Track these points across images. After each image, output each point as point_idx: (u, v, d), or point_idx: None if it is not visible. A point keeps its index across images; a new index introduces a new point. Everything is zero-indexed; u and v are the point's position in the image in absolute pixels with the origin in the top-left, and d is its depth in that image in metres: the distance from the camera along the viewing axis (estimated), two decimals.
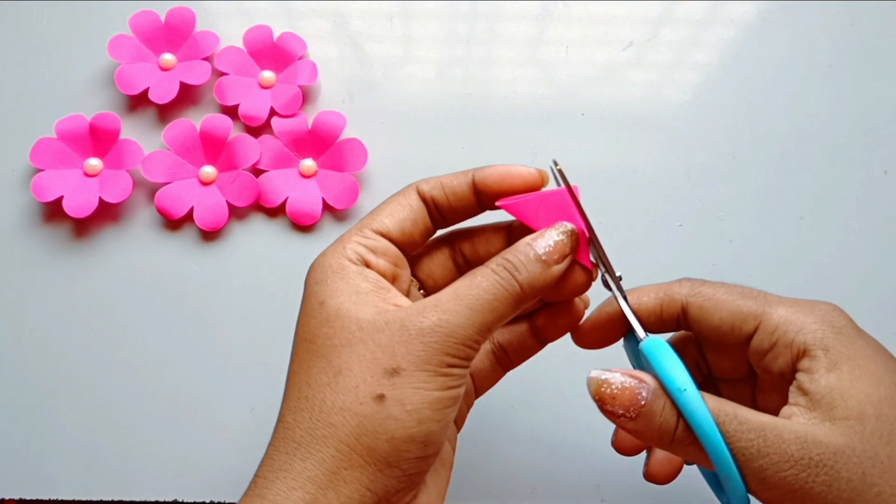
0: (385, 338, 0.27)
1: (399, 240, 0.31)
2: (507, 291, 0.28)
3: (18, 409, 0.45)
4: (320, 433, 0.27)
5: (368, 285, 0.29)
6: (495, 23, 0.52)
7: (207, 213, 0.47)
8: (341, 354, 0.27)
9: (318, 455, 0.27)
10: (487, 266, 0.29)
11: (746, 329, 0.29)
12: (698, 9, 0.52)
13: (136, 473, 0.44)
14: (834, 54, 0.51)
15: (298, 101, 0.48)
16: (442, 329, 0.27)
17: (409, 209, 0.31)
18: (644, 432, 0.27)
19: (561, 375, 0.45)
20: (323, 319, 0.28)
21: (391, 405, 0.27)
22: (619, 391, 0.27)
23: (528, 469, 0.44)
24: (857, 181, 0.48)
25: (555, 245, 0.29)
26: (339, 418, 0.27)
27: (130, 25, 0.50)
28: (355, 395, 0.27)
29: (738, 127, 0.49)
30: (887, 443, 0.26)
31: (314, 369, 0.28)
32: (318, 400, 0.27)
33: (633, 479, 0.44)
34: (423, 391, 0.27)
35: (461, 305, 0.27)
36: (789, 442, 0.26)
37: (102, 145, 0.48)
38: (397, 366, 0.27)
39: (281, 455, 0.27)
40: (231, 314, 0.46)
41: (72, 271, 0.47)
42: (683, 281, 0.32)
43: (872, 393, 0.26)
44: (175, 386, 0.45)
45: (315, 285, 0.29)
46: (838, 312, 0.29)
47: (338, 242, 0.30)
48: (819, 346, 0.28)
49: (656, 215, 0.48)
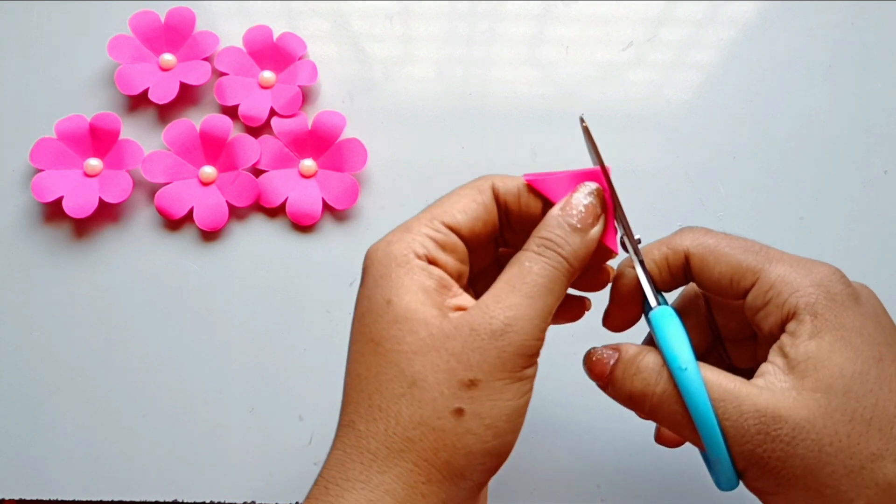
0: (457, 345, 0.26)
1: (467, 238, 0.30)
2: (558, 270, 0.28)
3: (18, 409, 0.45)
4: (398, 447, 0.26)
5: (433, 283, 0.28)
6: (495, 23, 0.52)
7: (207, 214, 0.47)
8: (413, 363, 0.27)
9: (397, 469, 0.26)
10: (529, 249, 0.28)
11: (744, 284, 0.29)
12: (698, 9, 0.52)
13: (136, 473, 0.44)
14: (834, 54, 0.51)
15: (298, 101, 0.48)
16: (511, 328, 0.27)
17: (483, 208, 0.30)
18: (619, 399, 0.29)
19: (561, 375, 0.45)
20: (391, 320, 0.27)
21: (469, 420, 0.26)
22: (597, 360, 0.30)
23: (527, 469, 0.44)
24: (857, 181, 0.48)
25: (586, 209, 0.29)
26: (418, 433, 0.26)
27: (130, 25, 0.50)
28: (433, 408, 0.26)
29: (738, 127, 0.49)
30: (849, 420, 0.26)
31: (385, 377, 0.27)
32: (394, 412, 0.27)
33: (634, 479, 0.44)
34: (501, 402, 0.27)
35: (521, 297, 0.27)
36: (748, 415, 0.26)
37: (102, 145, 0.48)
38: (474, 377, 0.26)
39: (356, 465, 0.27)
40: (231, 314, 0.46)
41: (72, 271, 0.47)
42: (685, 230, 0.31)
43: (847, 367, 0.26)
44: (175, 386, 0.45)
45: (379, 279, 0.28)
46: (837, 276, 0.28)
47: (404, 230, 0.29)
48: (808, 310, 0.27)
49: (656, 215, 0.48)
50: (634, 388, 0.28)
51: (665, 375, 0.28)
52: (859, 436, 0.26)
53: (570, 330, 0.45)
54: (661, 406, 0.28)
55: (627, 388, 0.29)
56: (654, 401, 0.28)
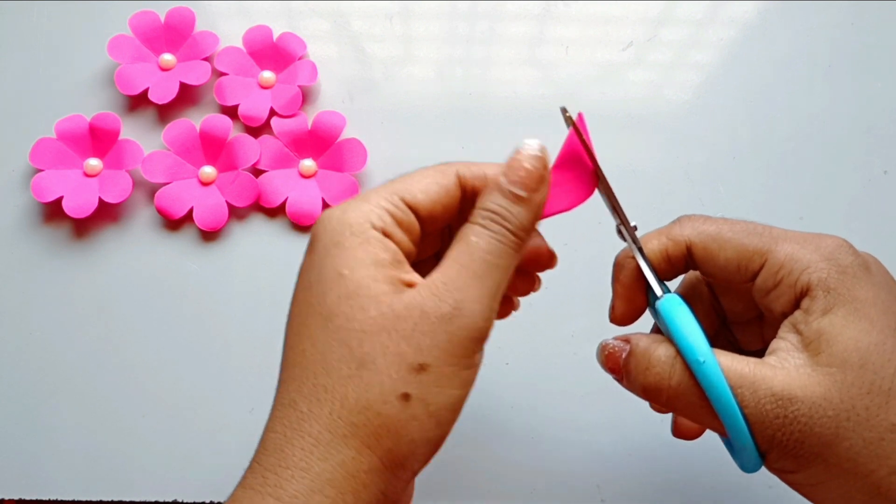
0: (408, 327, 0.26)
1: (424, 219, 0.29)
2: (505, 245, 0.27)
3: (18, 409, 0.45)
4: (341, 432, 0.25)
5: (387, 257, 0.27)
6: (495, 23, 0.52)
7: (207, 214, 0.47)
8: (363, 343, 0.26)
9: (339, 456, 0.25)
10: (475, 222, 0.27)
11: (752, 267, 0.28)
12: (698, 9, 0.52)
13: (136, 473, 0.44)
14: (834, 54, 0.51)
15: (298, 101, 0.48)
16: (460, 311, 0.26)
17: (444, 192, 0.29)
18: (634, 392, 0.29)
19: (560, 375, 0.45)
20: (342, 294, 0.26)
21: (415, 405, 0.26)
22: (609, 354, 0.29)
23: (528, 469, 0.44)
24: (857, 181, 0.48)
25: (528, 174, 0.27)
26: (363, 418, 0.25)
27: (130, 25, 0.50)
28: (380, 392, 0.25)
29: (738, 127, 0.49)
30: (867, 393, 0.25)
31: (333, 355, 0.26)
32: (340, 394, 0.26)
33: (634, 479, 0.44)
34: (447, 390, 0.26)
35: (469, 276, 0.26)
36: (764, 400, 0.26)
37: (102, 145, 0.48)
38: (424, 361, 0.26)
39: (296, 450, 0.26)
40: (231, 314, 0.46)
41: (72, 271, 0.47)
42: (683, 219, 0.30)
43: (862, 339, 0.26)
44: (175, 386, 0.45)
45: (332, 247, 0.27)
46: (846, 248, 0.28)
47: (362, 199, 0.28)
48: (821, 286, 0.27)
49: (656, 215, 0.47)
50: (648, 381, 0.28)
51: (679, 367, 0.27)
52: (878, 407, 0.25)
53: (570, 330, 0.45)
54: (677, 398, 0.27)
55: (641, 381, 0.28)
56: (671, 393, 0.27)
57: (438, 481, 0.43)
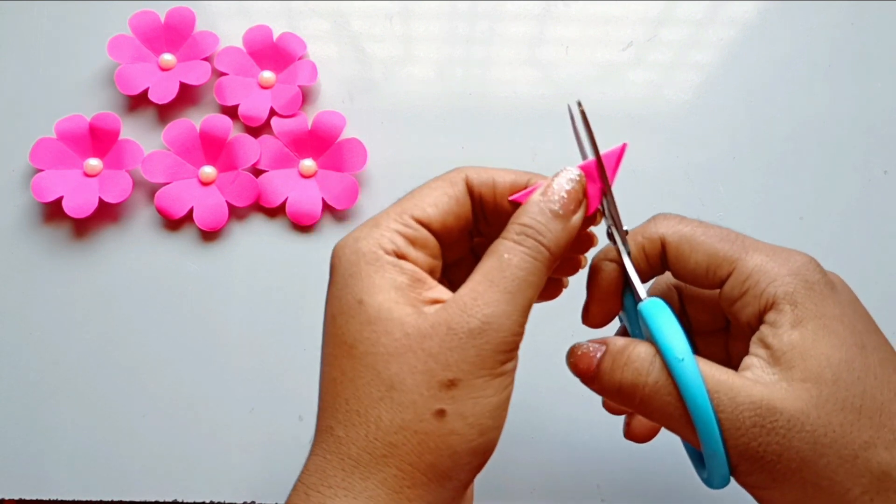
0: (434, 345, 0.26)
1: (439, 232, 0.29)
2: (538, 261, 0.27)
3: (18, 409, 0.45)
4: (380, 452, 0.26)
5: (405, 279, 0.27)
6: (495, 23, 0.52)
7: (207, 214, 0.47)
8: (390, 365, 0.26)
9: (380, 475, 0.26)
10: (508, 238, 0.27)
11: (721, 274, 0.28)
12: (698, 9, 0.52)
13: (136, 473, 0.44)
14: (834, 54, 0.51)
15: (298, 101, 0.48)
16: (490, 326, 0.26)
17: (455, 202, 0.29)
18: (606, 392, 0.28)
19: (560, 375, 0.45)
20: (364, 321, 0.26)
21: (452, 420, 0.26)
22: (583, 354, 0.29)
23: (528, 468, 0.44)
24: (857, 181, 0.48)
25: (568, 195, 0.28)
26: (400, 437, 0.26)
27: (130, 25, 0.50)
28: (413, 411, 0.26)
29: (738, 127, 0.49)
30: (840, 409, 0.25)
31: (361, 380, 0.26)
32: (374, 417, 0.26)
33: (634, 479, 0.44)
34: (483, 399, 0.26)
35: (499, 292, 0.26)
36: (743, 407, 0.25)
37: (102, 145, 0.48)
38: (454, 377, 0.26)
39: (337, 471, 0.26)
40: (231, 314, 0.46)
41: (72, 271, 0.47)
42: (659, 217, 0.30)
43: (833, 355, 0.26)
44: (175, 386, 0.45)
45: (349, 277, 0.27)
46: (813, 266, 0.28)
47: (372, 225, 0.28)
48: (787, 300, 0.27)
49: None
50: (625, 378, 0.27)
51: (657, 365, 0.27)
52: (851, 425, 0.25)
53: (570, 330, 0.45)
54: (652, 397, 0.27)
55: (617, 378, 0.28)
56: (647, 391, 0.27)
57: None
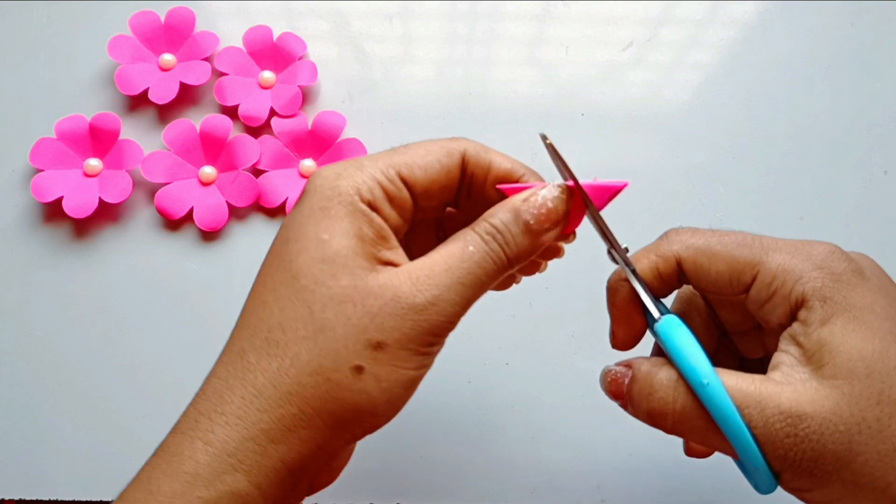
0: (376, 305, 0.26)
1: (419, 197, 0.28)
2: (496, 265, 0.27)
3: (18, 409, 0.45)
4: (286, 389, 0.25)
5: (370, 232, 0.27)
6: (495, 23, 0.51)
7: (207, 214, 0.47)
8: (326, 309, 0.26)
9: (280, 411, 0.25)
10: (477, 231, 0.27)
11: (744, 280, 0.28)
12: (698, 9, 0.52)
13: (136, 473, 0.44)
14: (834, 54, 0.51)
15: (298, 101, 0.48)
16: (433, 307, 0.26)
17: (445, 173, 0.28)
18: (639, 418, 0.28)
19: (560, 376, 0.45)
20: (317, 258, 0.26)
21: (367, 379, 0.26)
22: (612, 380, 0.29)
23: (528, 469, 0.44)
24: (857, 181, 0.48)
25: (548, 213, 0.28)
26: (311, 380, 0.25)
27: (130, 25, 0.50)
28: (334, 360, 0.25)
29: (738, 127, 0.49)
30: (876, 403, 0.25)
31: (292, 313, 0.26)
32: (292, 353, 0.26)
33: (634, 479, 0.44)
34: (401, 370, 0.26)
35: (453, 279, 0.26)
36: (773, 418, 0.25)
37: (102, 145, 0.48)
38: (382, 339, 0.26)
39: (235, 398, 0.26)
40: (231, 314, 0.46)
41: (72, 271, 0.47)
42: (671, 233, 0.30)
43: (865, 348, 0.25)
44: (175, 386, 0.45)
45: (318, 210, 0.27)
46: (838, 255, 0.27)
47: (356, 166, 0.27)
48: (816, 296, 0.26)
49: (656, 215, 0.47)
50: (652, 407, 0.27)
51: (682, 391, 0.27)
52: (889, 418, 0.25)
53: (570, 330, 0.45)
54: (683, 422, 0.27)
55: (645, 407, 0.28)
56: (676, 418, 0.27)
57: (439, 481, 0.43)
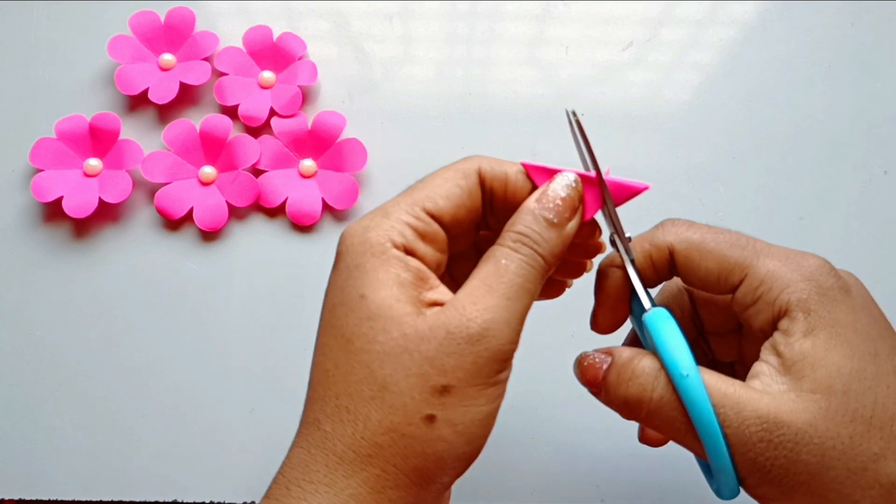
0: (431, 348, 0.25)
1: (449, 226, 0.28)
2: (534, 268, 0.27)
3: (18, 409, 0.45)
4: (365, 452, 0.26)
5: (409, 276, 0.27)
6: (495, 23, 0.51)
7: (207, 214, 0.47)
8: (385, 365, 0.26)
9: (364, 474, 0.25)
10: (504, 244, 0.27)
11: (732, 280, 0.28)
12: (698, 9, 0.52)
13: (136, 473, 0.44)
14: (834, 54, 0.51)
15: (298, 101, 0.48)
16: (488, 332, 0.26)
17: (467, 194, 0.28)
18: (612, 405, 0.28)
19: (560, 375, 0.45)
20: (363, 317, 0.26)
21: (441, 426, 0.25)
22: (589, 365, 0.29)
23: (528, 469, 0.44)
24: (857, 181, 0.48)
25: (563, 202, 0.28)
26: (387, 439, 0.25)
27: (130, 25, 0.50)
28: (404, 414, 0.25)
29: (738, 127, 0.49)
30: (850, 421, 0.25)
31: (354, 377, 0.26)
32: (363, 415, 0.26)
33: (634, 480, 0.44)
34: (474, 408, 0.26)
35: (498, 297, 0.26)
36: (749, 421, 0.25)
37: (102, 145, 0.48)
38: (447, 383, 0.25)
39: (320, 466, 0.26)
40: (231, 314, 0.46)
41: (72, 271, 0.47)
42: (667, 223, 0.30)
43: (844, 365, 0.25)
44: (175, 386, 0.45)
45: (353, 269, 0.27)
46: (827, 269, 0.27)
47: (382, 214, 0.27)
48: (800, 307, 0.26)
49: (656, 215, 0.47)
50: (630, 393, 0.27)
51: (662, 380, 0.27)
52: (860, 436, 0.25)
53: (570, 329, 0.45)
54: (658, 412, 0.27)
55: (622, 393, 0.28)
56: (652, 407, 0.27)
57: None
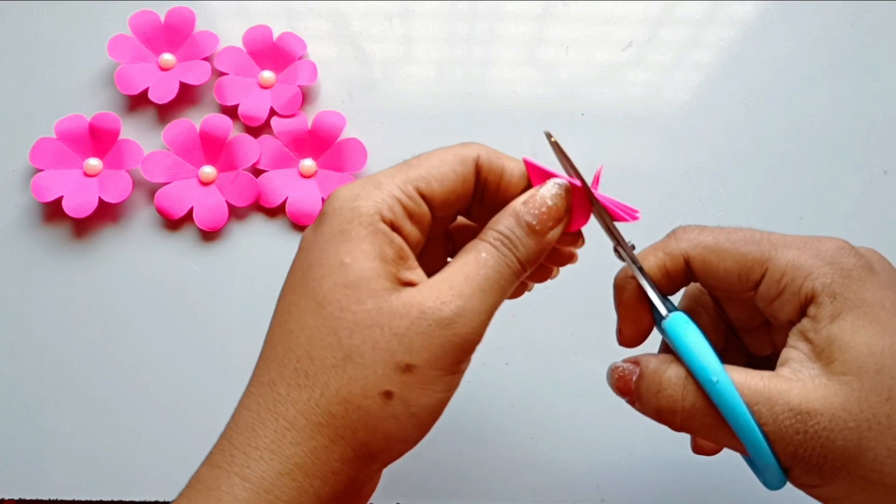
0: (403, 326, 0.25)
1: (437, 209, 0.28)
2: (510, 269, 0.27)
3: (18, 409, 0.45)
4: (317, 420, 0.25)
5: (391, 252, 0.26)
6: (495, 23, 0.52)
7: (207, 213, 0.47)
8: (354, 335, 0.25)
9: (312, 443, 0.25)
10: (486, 239, 0.27)
11: (753, 277, 0.28)
12: (698, 9, 0.52)
13: (136, 473, 0.44)
14: (834, 54, 0.51)
15: (298, 101, 0.48)
16: (460, 318, 0.26)
17: (461, 181, 0.28)
18: (648, 416, 0.28)
19: (560, 376, 0.45)
20: (340, 283, 0.26)
21: (396, 405, 0.25)
22: (620, 377, 0.29)
23: (528, 469, 0.44)
24: (857, 181, 0.48)
25: (548, 211, 0.28)
26: (341, 409, 0.25)
27: (130, 25, 0.50)
28: (363, 386, 0.25)
29: (738, 127, 0.49)
30: (886, 399, 0.25)
31: (319, 342, 0.26)
32: (322, 382, 0.25)
33: (634, 479, 0.44)
34: (430, 393, 0.26)
35: (473, 288, 0.26)
36: (783, 415, 0.25)
37: (102, 145, 0.48)
38: (412, 362, 0.25)
39: (269, 432, 0.26)
40: (231, 314, 0.46)
41: (72, 271, 0.47)
42: (679, 231, 0.30)
43: (875, 344, 0.25)
44: (175, 386, 0.45)
45: (339, 233, 0.26)
46: (847, 250, 0.27)
47: (374, 185, 0.27)
48: (826, 292, 0.26)
49: (656, 215, 0.47)
50: (661, 405, 0.27)
51: (691, 388, 0.27)
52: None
53: (570, 330, 0.45)
54: (692, 420, 0.27)
55: (654, 405, 0.27)
56: (685, 415, 0.27)
57: (439, 481, 0.43)
